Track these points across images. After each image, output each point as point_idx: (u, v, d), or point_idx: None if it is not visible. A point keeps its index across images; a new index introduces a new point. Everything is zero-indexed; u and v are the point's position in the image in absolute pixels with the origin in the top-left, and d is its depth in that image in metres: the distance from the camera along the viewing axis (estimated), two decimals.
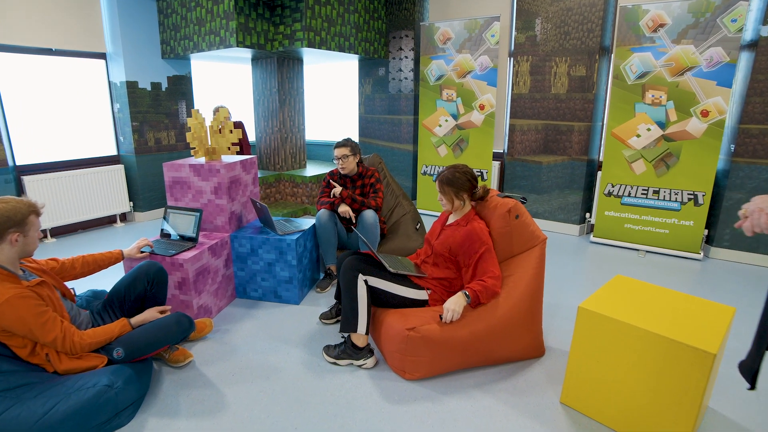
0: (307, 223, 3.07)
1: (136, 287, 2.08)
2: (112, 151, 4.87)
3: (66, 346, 1.75)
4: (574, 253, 3.88)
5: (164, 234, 2.71)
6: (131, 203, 4.89)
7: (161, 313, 2.05)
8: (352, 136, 5.29)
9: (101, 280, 3.05)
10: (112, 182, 4.65)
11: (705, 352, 1.42)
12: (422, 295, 2.21)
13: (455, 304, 1.97)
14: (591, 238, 4.21)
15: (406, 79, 5.29)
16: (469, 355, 2.08)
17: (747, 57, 3.42)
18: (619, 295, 1.85)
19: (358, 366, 2.16)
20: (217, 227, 2.83)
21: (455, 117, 4.90)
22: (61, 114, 4.42)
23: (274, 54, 4.75)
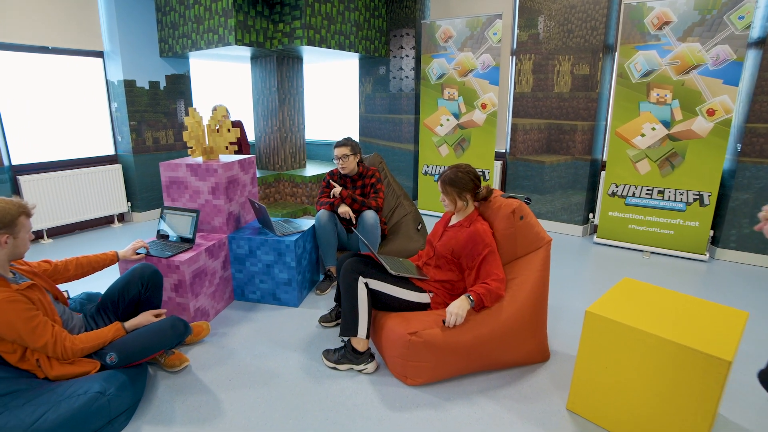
0: (307, 223, 3.02)
1: (130, 290, 2.03)
2: (110, 151, 4.81)
3: (57, 352, 1.70)
4: (578, 255, 3.82)
5: (161, 235, 2.66)
6: (129, 203, 4.84)
7: (156, 316, 1.99)
8: (353, 136, 5.23)
9: (96, 282, 3.00)
10: (109, 182, 4.60)
11: (720, 360, 1.36)
12: (424, 298, 2.15)
13: (458, 307, 1.92)
14: (594, 238, 4.15)
15: (407, 77, 5.23)
16: (472, 360, 2.02)
17: (754, 55, 3.37)
18: (628, 299, 1.79)
19: (359, 371, 2.10)
20: (215, 228, 2.78)
21: (457, 116, 4.84)
22: (58, 113, 4.36)
23: (274, 52, 4.69)
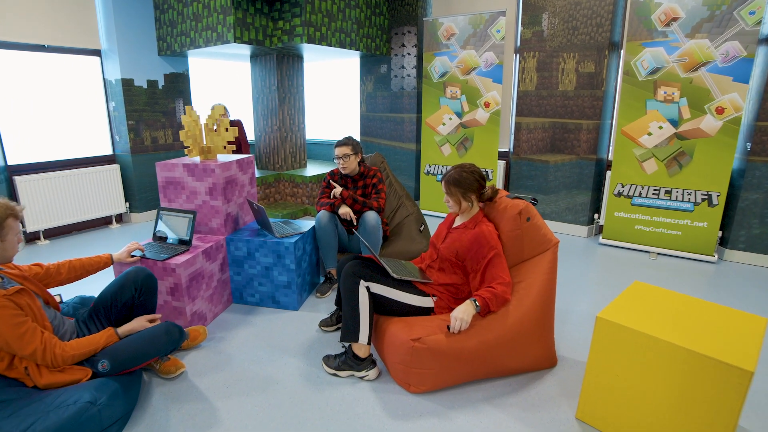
0: (307, 225, 2.95)
1: (123, 295, 1.96)
2: (108, 151, 4.75)
3: (47, 359, 1.63)
4: (583, 256, 3.75)
5: (157, 237, 2.60)
6: (127, 204, 4.78)
7: (151, 322, 1.93)
8: (354, 135, 5.17)
9: (90, 285, 2.92)
10: (107, 182, 4.54)
11: (741, 370, 1.29)
12: (427, 302, 2.08)
13: (463, 312, 1.85)
14: (600, 239, 4.08)
15: (408, 76, 5.16)
16: (477, 367, 1.95)
17: (765, 51, 3.28)
18: (640, 304, 1.72)
19: (360, 378, 2.04)
20: (212, 230, 2.71)
21: (459, 115, 4.77)
22: (55, 112, 4.30)
23: (274, 51, 4.62)
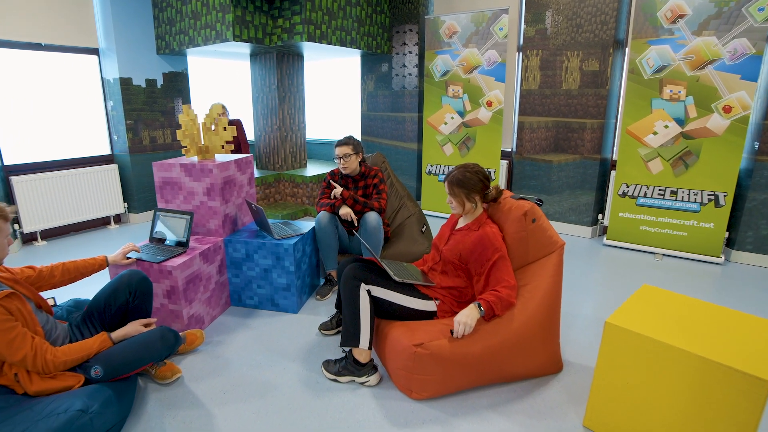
0: (306, 226, 2.90)
1: (117, 299, 1.91)
2: (106, 151, 4.70)
3: (37, 365, 1.58)
4: (587, 257, 3.69)
5: (154, 238, 2.54)
6: (126, 204, 4.73)
7: (145, 326, 1.87)
8: (354, 135, 5.11)
9: (85, 287, 2.87)
10: (105, 182, 4.49)
11: (760, 380, 1.23)
12: (430, 305, 2.03)
13: (467, 317, 1.79)
14: (604, 240, 4.01)
15: (410, 75, 5.10)
16: (482, 373, 1.90)
17: None
18: (650, 308, 1.67)
19: (361, 384, 1.98)
20: (210, 231, 2.66)
21: (461, 114, 4.71)
22: (52, 112, 4.25)
23: (273, 49, 4.57)
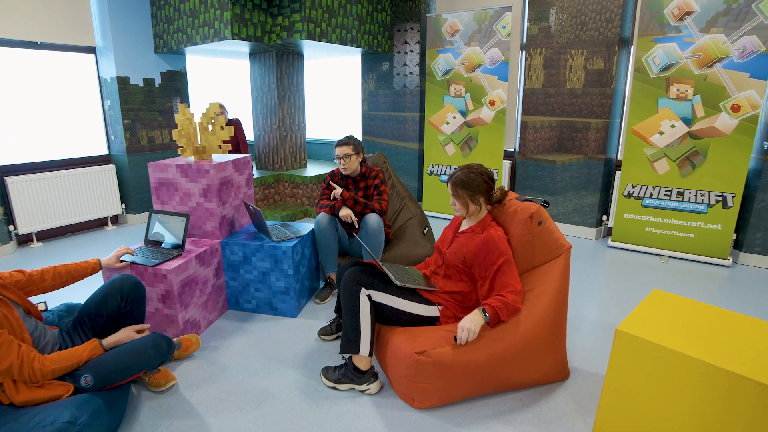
0: (305, 227, 2.83)
1: (109, 304, 1.84)
2: (103, 151, 4.64)
3: (24, 374, 1.52)
4: (592, 259, 3.62)
5: (149, 241, 2.48)
6: (123, 205, 4.67)
7: (138, 332, 1.81)
8: (355, 134, 5.06)
9: (78, 291, 2.81)
10: (102, 183, 4.43)
11: None
12: (433, 311, 1.96)
13: (472, 322, 1.73)
14: (609, 242, 3.95)
15: (411, 74, 5.04)
16: (486, 381, 1.83)
17: None
18: (662, 315, 1.60)
19: (361, 392, 1.92)
20: (207, 233, 2.60)
21: (464, 114, 4.64)
22: (48, 111, 4.19)
23: (273, 48, 4.51)
